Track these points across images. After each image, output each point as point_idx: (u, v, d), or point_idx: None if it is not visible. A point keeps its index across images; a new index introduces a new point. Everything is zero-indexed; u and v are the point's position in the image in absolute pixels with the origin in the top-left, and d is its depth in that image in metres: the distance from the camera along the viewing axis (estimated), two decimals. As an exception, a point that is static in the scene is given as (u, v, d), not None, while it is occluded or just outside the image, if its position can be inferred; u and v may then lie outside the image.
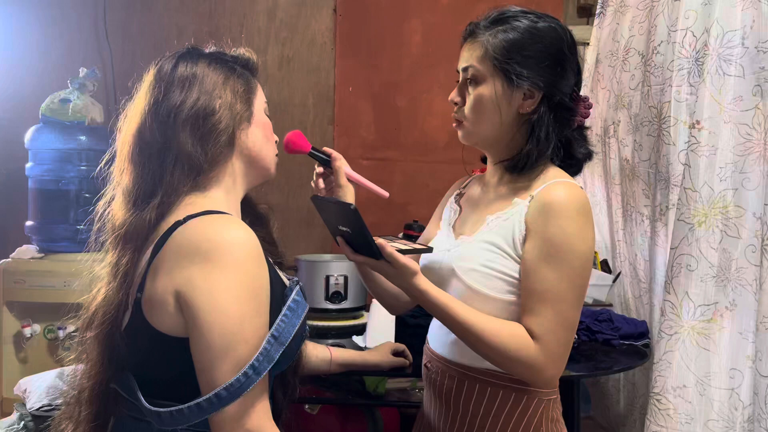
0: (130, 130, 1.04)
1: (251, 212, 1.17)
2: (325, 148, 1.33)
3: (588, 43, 2.42)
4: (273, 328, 0.95)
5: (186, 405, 0.91)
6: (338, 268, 1.98)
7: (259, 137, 1.09)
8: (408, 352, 1.61)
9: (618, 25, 2.08)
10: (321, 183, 1.31)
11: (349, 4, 2.77)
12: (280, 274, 1.08)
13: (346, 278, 2.04)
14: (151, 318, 0.95)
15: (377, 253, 1.07)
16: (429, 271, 1.20)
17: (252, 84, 1.11)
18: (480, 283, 1.13)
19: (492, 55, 1.14)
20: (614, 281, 2.11)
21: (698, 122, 1.52)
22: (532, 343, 1.07)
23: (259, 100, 1.11)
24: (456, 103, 1.20)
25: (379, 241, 1.07)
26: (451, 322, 1.10)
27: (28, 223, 2.40)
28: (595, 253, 2.25)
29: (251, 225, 1.14)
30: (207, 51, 1.10)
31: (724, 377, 1.49)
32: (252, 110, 1.08)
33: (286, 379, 1.14)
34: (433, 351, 1.26)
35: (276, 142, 1.16)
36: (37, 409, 1.73)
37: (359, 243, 1.09)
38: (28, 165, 2.40)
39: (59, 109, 2.35)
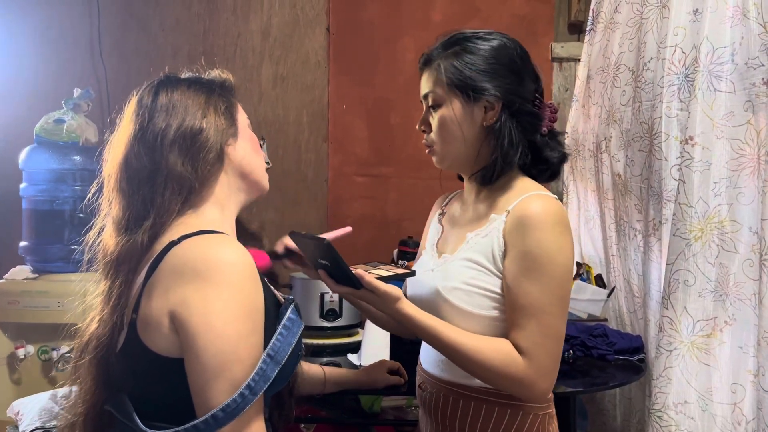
0: (115, 160, 1.04)
1: (244, 232, 1.17)
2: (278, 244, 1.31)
3: (579, 60, 2.44)
4: (269, 347, 0.94)
5: (183, 427, 0.90)
6: (333, 286, 1.98)
7: (248, 150, 1.10)
8: (403, 369, 1.61)
9: (608, 42, 2.10)
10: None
11: (342, 22, 2.79)
12: (275, 292, 1.07)
13: (340, 296, 2.03)
14: (146, 338, 0.94)
15: (357, 283, 1.09)
16: (414, 293, 1.22)
17: (232, 101, 1.12)
18: (463, 301, 1.13)
19: (447, 77, 1.17)
20: (609, 296, 2.11)
21: (691, 138, 1.53)
22: (519, 359, 1.07)
23: (242, 116, 1.13)
24: (424, 131, 1.22)
25: (357, 271, 1.09)
26: (439, 344, 1.11)
27: (22, 243, 2.39)
28: (589, 267, 2.25)
29: (244, 244, 1.14)
30: (184, 76, 1.12)
31: (726, 392, 1.49)
32: (236, 125, 1.10)
33: (282, 400, 1.13)
34: (425, 371, 1.26)
35: (267, 162, 1.18)
36: (30, 432, 1.71)
37: (339, 275, 1.11)
38: (23, 185, 2.39)
39: (53, 130, 2.35)
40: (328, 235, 1.30)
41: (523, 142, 1.17)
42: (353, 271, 1.09)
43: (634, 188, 1.91)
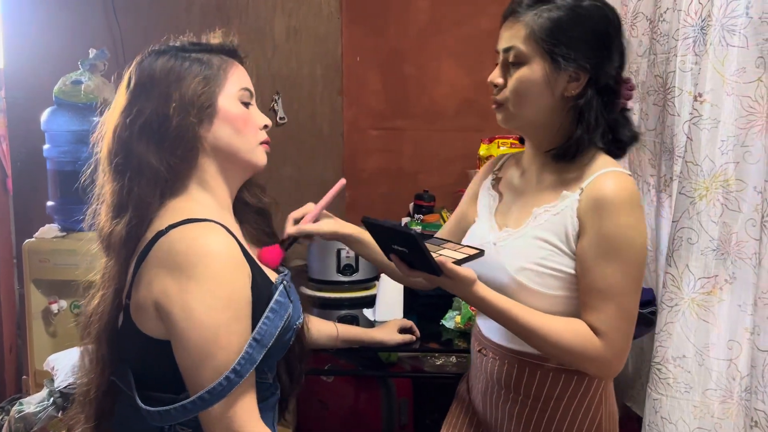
0: (105, 141, 1.05)
1: (252, 207, 1.17)
2: (286, 232, 1.26)
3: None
4: (255, 331, 0.97)
5: (172, 406, 0.96)
6: (348, 242, 2.02)
7: (226, 132, 1.04)
8: (415, 327, 1.65)
9: (626, -11, 2.02)
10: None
11: (354, -29, 2.73)
12: (268, 273, 1.09)
13: (356, 252, 2.08)
14: (138, 323, 0.99)
15: (438, 270, 1.06)
16: (478, 269, 1.16)
17: (216, 76, 1.04)
18: (533, 281, 1.12)
19: (538, 36, 1.10)
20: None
21: (700, 95, 1.50)
22: (596, 340, 1.08)
23: (229, 91, 1.05)
24: (496, 85, 1.16)
25: (439, 259, 1.07)
26: (513, 325, 1.11)
27: (49, 203, 2.47)
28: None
29: (252, 219, 1.17)
30: (171, 45, 1.06)
31: (723, 348, 1.51)
32: (215, 105, 1.03)
33: (291, 365, 1.17)
34: (487, 338, 1.26)
35: (267, 126, 1.11)
36: (65, 387, 1.83)
37: (417, 261, 1.08)
38: (46, 147, 2.45)
39: (71, 91, 2.38)
40: (328, 196, 1.29)
41: (605, 121, 1.13)
42: (435, 259, 1.06)
43: (648, 142, 1.88)
